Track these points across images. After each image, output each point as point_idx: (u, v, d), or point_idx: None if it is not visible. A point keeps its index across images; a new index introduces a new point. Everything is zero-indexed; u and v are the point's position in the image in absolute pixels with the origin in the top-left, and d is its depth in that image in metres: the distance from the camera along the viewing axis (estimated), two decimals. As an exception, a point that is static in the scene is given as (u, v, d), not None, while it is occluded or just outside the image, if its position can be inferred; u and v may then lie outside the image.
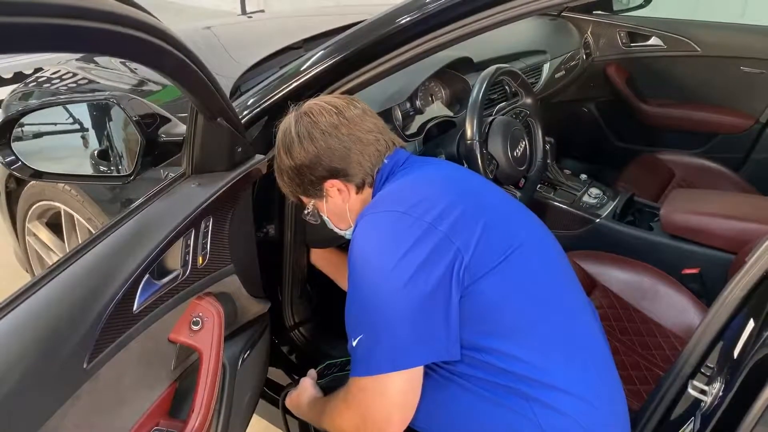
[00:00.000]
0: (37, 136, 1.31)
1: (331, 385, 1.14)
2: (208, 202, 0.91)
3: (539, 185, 1.96)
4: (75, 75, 1.61)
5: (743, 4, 2.70)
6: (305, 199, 1.08)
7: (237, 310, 1.07)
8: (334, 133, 0.97)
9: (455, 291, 0.84)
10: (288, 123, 1.00)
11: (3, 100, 1.73)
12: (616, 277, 1.58)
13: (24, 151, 1.18)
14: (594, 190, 1.98)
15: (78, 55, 1.70)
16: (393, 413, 0.83)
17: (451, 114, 1.68)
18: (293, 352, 1.43)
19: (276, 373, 1.43)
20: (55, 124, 1.36)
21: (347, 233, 1.07)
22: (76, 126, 1.36)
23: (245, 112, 1.08)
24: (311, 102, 1.01)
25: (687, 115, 2.49)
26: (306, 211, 1.12)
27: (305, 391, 1.13)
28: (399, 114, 1.52)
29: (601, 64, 2.56)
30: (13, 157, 1.16)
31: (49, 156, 1.35)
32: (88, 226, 1.53)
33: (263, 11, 5.40)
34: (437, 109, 1.67)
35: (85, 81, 1.59)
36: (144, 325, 0.81)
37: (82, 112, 1.35)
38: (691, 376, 0.95)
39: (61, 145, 1.40)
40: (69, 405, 0.69)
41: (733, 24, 2.42)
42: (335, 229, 1.11)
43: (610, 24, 2.54)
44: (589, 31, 2.56)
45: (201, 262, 0.93)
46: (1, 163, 1.16)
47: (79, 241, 1.40)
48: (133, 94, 1.40)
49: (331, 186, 1.01)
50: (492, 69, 1.51)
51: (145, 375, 0.85)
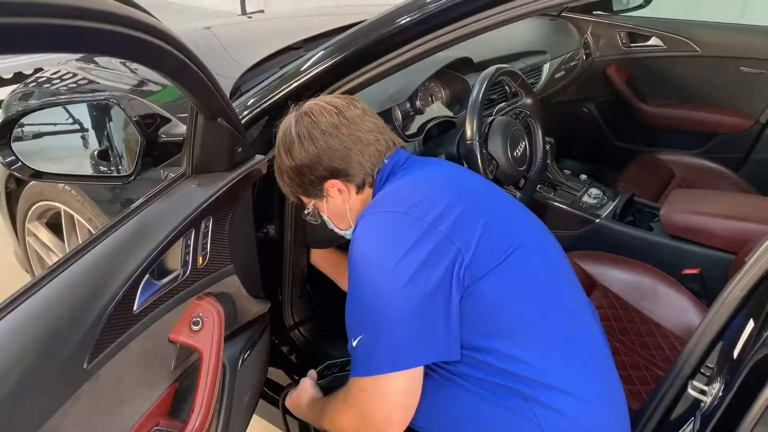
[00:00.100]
0: (38, 136, 1.31)
1: (331, 385, 1.14)
2: (208, 202, 0.91)
3: (539, 185, 1.96)
4: (75, 75, 1.61)
5: (743, 4, 2.69)
6: (305, 199, 1.08)
7: (237, 310, 1.07)
8: (335, 133, 0.97)
9: (455, 291, 0.84)
10: (288, 123, 1.00)
11: (3, 101, 1.73)
12: (615, 277, 1.58)
13: (24, 152, 1.18)
14: (594, 191, 1.98)
15: (78, 56, 1.70)
16: (393, 413, 0.83)
17: (451, 114, 1.68)
18: (293, 352, 1.43)
19: (276, 373, 1.43)
20: (55, 125, 1.36)
21: (347, 233, 1.07)
22: (76, 126, 1.36)
23: (245, 113, 1.08)
24: (311, 102, 1.01)
25: (687, 115, 2.49)
26: (306, 211, 1.12)
27: (305, 391, 1.13)
28: (399, 114, 1.52)
29: (601, 65, 2.56)
30: (14, 157, 1.16)
31: (49, 156, 1.35)
32: (88, 227, 1.53)
33: (263, 11, 5.40)
34: (437, 109, 1.67)
35: (85, 81, 1.59)
36: (144, 326, 0.81)
37: (82, 112, 1.35)
38: (691, 377, 0.95)
39: (61, 146, 1.40)
40: (69, 405, 0.69)
41: (732, 24, 2.42)
42: (335, 229, 1.11)
43: (610, 24, 2.54)
44: (588, 32, 2.56)
45: (201, 262, 0.93)
46: (2, 163, 1.16)
47: (79, 242, 1.40)
48: (133, 95, 1.40)
49: (332, 186, 1.01)
50: (492, 69, 1.51)
51: (145, 375, 0.85)
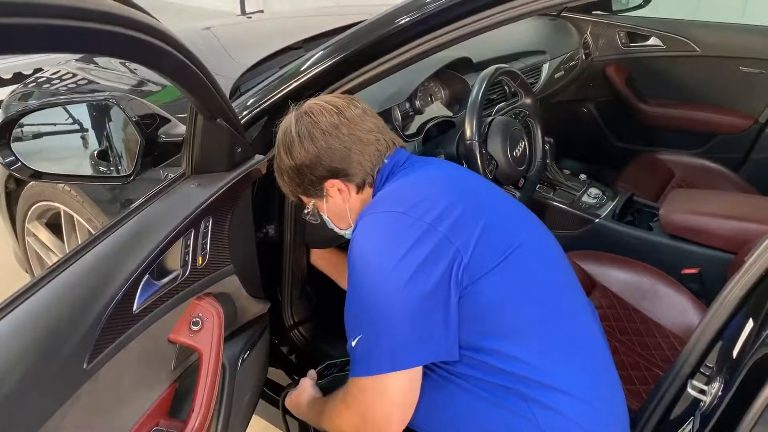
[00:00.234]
0: (37, 136, 1.30)
1: (331, 385, 1.14)
2: (208, 202, 0.91)
3: (539, 185, 1.96)
4: (75, 75, 1.61)
5: (743, 4, 2.69)
6: (305, 198, 1.08)
7: (237, 310, 1.07)
8: (335, 132, 0.97)
9: (454, 291, 0.84)
10: (288, 123, 1.00)
11: (3, 101, 1.73)
12: (615, 277, 1.58)
13: (24, 152, 1.18)
14: (593, 190, 1.98)
15: (78, 56, 1.70)
16: (392, 413, 0.84)
17: (450, 114, 1.68)
18: (293, 352, 1.43)
19: (276, 373, 1.43)
20: (54, 125, 1.36)
21: (347, 233, 1.07)
22: (76, 126, 1.35)
23: (245, 113, 1.08)
24: (311, 102, 1.01)
25: (686, 115, 2.49)
26: (306, 211, 1.12)
27: (305, 391, 1.13)
28: (398, 114, 1.52)
29: (601, 64, 2.56)
30: (13, 157, 1.16)
31: (49, 156, 1.35)
32: (88, 227, 1.53)
33: (263, 11, 5.40)
34: (437, 109, 1.67)
35: (85, 81, 1.59)
36: (144, 326, 0.81)
37: (81, 112, 1.35)
38: (691, 376, 0.96)
39: (60, 146, 1.40)
40: (69, 405, 0.69)
41: (732, 24, 2.42)
42: (335, 229, 1.11)
43: (610, 24, 2.54)
44: (588, 32, 2.56)
45: (201, 262, 0.93)
46: (1, 163, 1.16)
47: (79, 242, 1.40)
48: (133, 95, 1.40)
49: (332, 186, 1.01)
50: (491, 69, 1.51)
51: (145, 375, 0.85)
